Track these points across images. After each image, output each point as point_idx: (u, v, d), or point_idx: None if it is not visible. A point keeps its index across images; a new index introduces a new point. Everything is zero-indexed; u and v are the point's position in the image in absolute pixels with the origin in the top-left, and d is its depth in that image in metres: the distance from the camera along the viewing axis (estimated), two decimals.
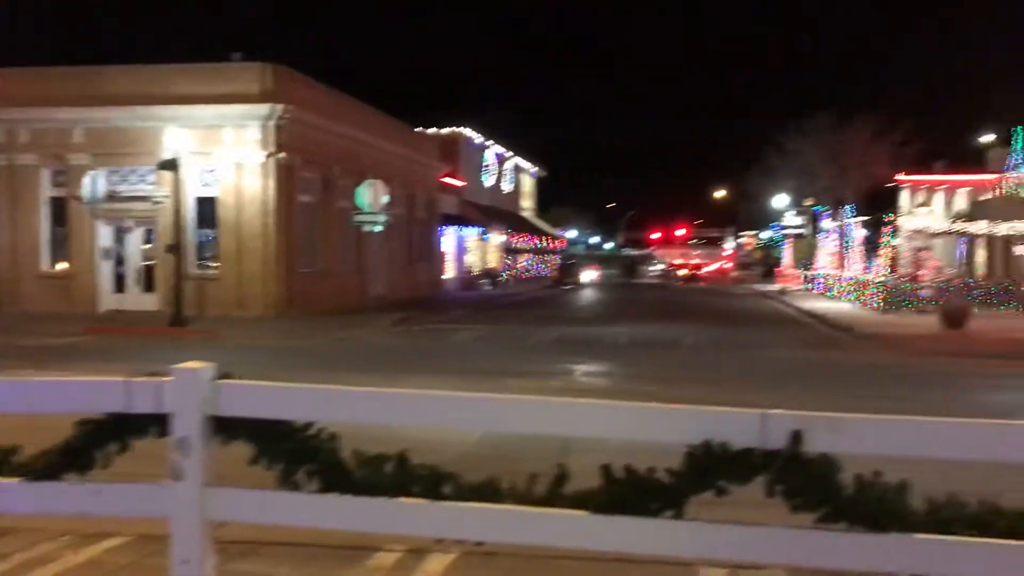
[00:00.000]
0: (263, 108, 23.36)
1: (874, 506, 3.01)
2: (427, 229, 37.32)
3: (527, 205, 61.01)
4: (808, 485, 3.07)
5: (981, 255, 37.32)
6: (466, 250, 44.18)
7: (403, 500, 3.36)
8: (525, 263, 54.04)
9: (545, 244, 57.21)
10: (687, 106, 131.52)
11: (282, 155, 23.80)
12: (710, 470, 3.13)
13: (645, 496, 3.23)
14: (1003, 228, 31.11)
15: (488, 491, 3.42)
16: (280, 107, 23.40)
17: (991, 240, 34.69)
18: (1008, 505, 3.05)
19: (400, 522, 3.43)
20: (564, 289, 47.82)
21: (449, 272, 40.98)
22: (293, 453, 3.48)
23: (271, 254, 23.72)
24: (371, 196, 26.06)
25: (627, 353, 17.41)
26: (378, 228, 26.63)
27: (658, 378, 13.57)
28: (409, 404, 3.58)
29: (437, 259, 39.27)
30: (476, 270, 44.71)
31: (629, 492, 3.25)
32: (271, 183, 23.78)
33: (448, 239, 40.83)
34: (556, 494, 3.34)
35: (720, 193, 79.77)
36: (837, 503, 3.05)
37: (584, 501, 3.30)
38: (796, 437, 3.04)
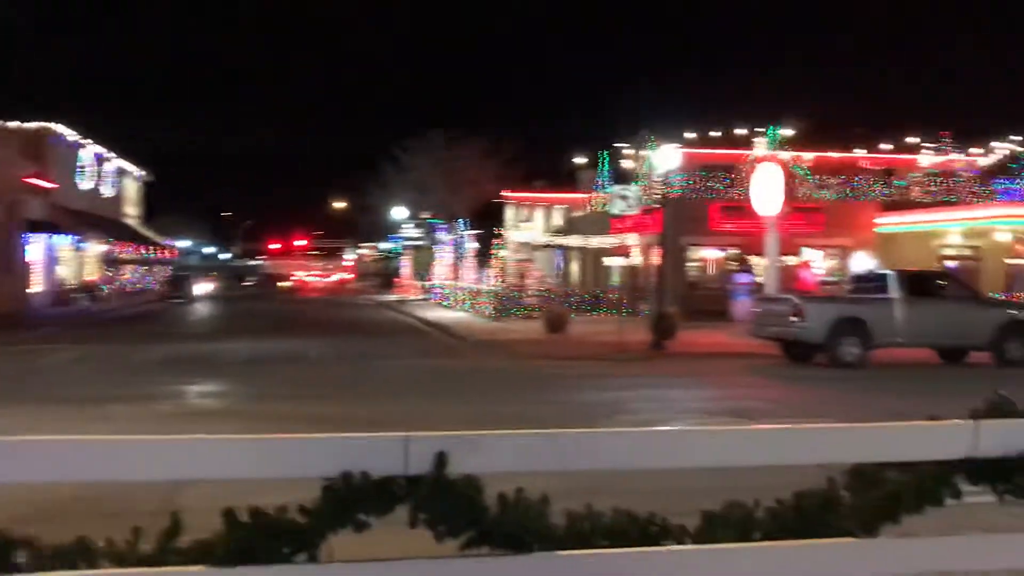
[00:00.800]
0: None
1: (517, 526, 2.91)
2: (8, 237, 32.81)
3: (132, 212, 56.24)
4: (451, 510, 2.89)
5: (576, 266, 41.31)
6: (58, 261, 39.54)
7: None
8: (130, 275, 49.73)
9: (154, 254, 53.17)
10: (304, 117, 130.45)
11: None
12: (349, 504, 2.83)
13: (276, 540, 2.83)
14: (594, 242, 34.72)
15: (78, 554, 2.79)
16: None
17: (584, 252, 38.57)
18: (637, 508, 3.11)
19: None
20: (176, 303, 44.90)
21: (37, 286, 36.37)
22: None
23: None
24: None
25: (247, 370, 16.55)
26: None
27: (282, 395, 13.00)
28: None
29: (21, 271, 34.66)
30: (72, 283, 40.22)
31: (257, 537, 2.83)
32: None
33: (36, 248, 36.22)
34: (168, 549, 2.81)
35: (340, 204, 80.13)
36: (481, 526, 2.90)
37: (203, 554, 2.82)
38: (440, 460, 2.84)
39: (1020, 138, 33.62)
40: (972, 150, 35.08)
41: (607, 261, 34.52)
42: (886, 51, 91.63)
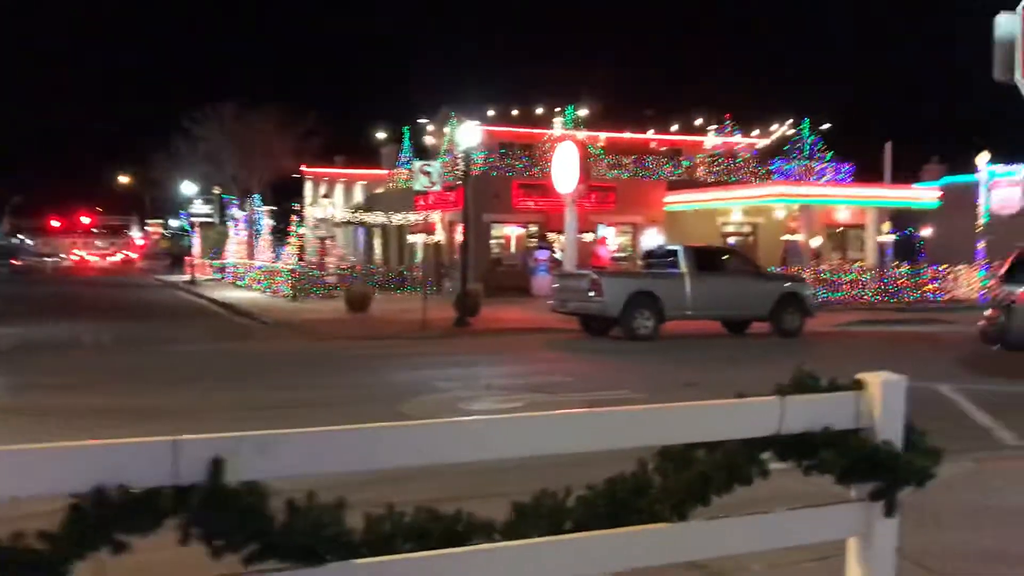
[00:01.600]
0: None
1: (307, 535, 2.58)
2: None
3: None
4: (228, 522, 2.52)
5: (378, 243, 40.66)
6: None
7: None
8: None
9: None
10: (88, 85, 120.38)
11: None
12: (102, 523, 2.40)
13: (12, 573, 2.37)
14: (397, 218, 34.27)
15: None
16: None
17: (386, 229, 37.99)
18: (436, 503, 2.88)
19: None
20: None
21: None
22: None
23: None
24: None
25: (12, 359, 14.97)
26: None
27: (53, 387, 11.79)
28: None
29: None
30: None
31: None
32: None
33: None
34: None
35: (126, 179, 74.90)
36: (266, 538, 2.56)
37: None
38: (216, 467, 2.46)
39: (792, 121, 36.23)
40: (752, 132, 37.49)
41: (411, 238, 34.14)
42: (679, 38, 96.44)
